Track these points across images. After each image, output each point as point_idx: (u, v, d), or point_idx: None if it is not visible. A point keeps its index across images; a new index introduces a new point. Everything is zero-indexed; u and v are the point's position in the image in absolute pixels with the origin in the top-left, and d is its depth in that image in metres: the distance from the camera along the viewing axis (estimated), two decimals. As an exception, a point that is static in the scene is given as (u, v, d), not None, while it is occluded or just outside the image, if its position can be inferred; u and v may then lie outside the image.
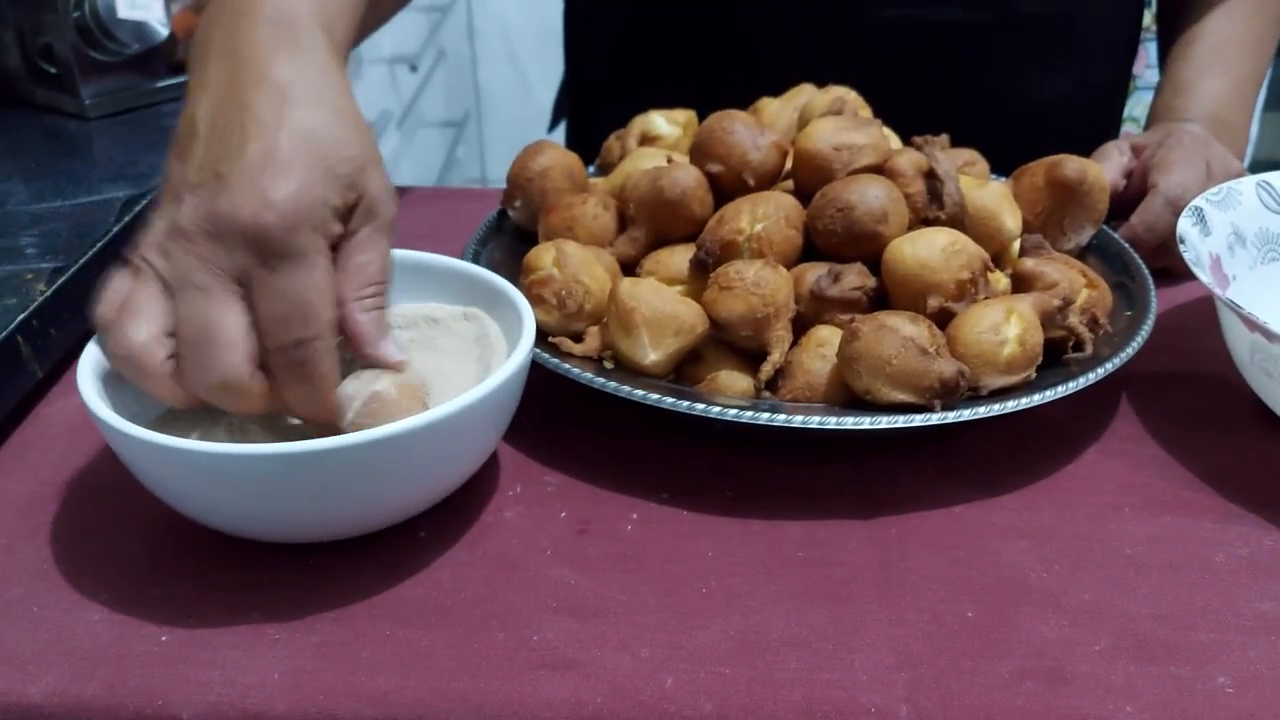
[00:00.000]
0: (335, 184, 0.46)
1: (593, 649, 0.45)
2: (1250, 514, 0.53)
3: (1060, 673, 0.44)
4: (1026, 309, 0.54)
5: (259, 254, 0.45)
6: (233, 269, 0.45)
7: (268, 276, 0.45)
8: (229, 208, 0.44)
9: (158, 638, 0.46)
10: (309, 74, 0.48)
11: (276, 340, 0.45)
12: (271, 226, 0.44)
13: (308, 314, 0.45)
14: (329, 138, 0.47)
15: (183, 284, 0.45)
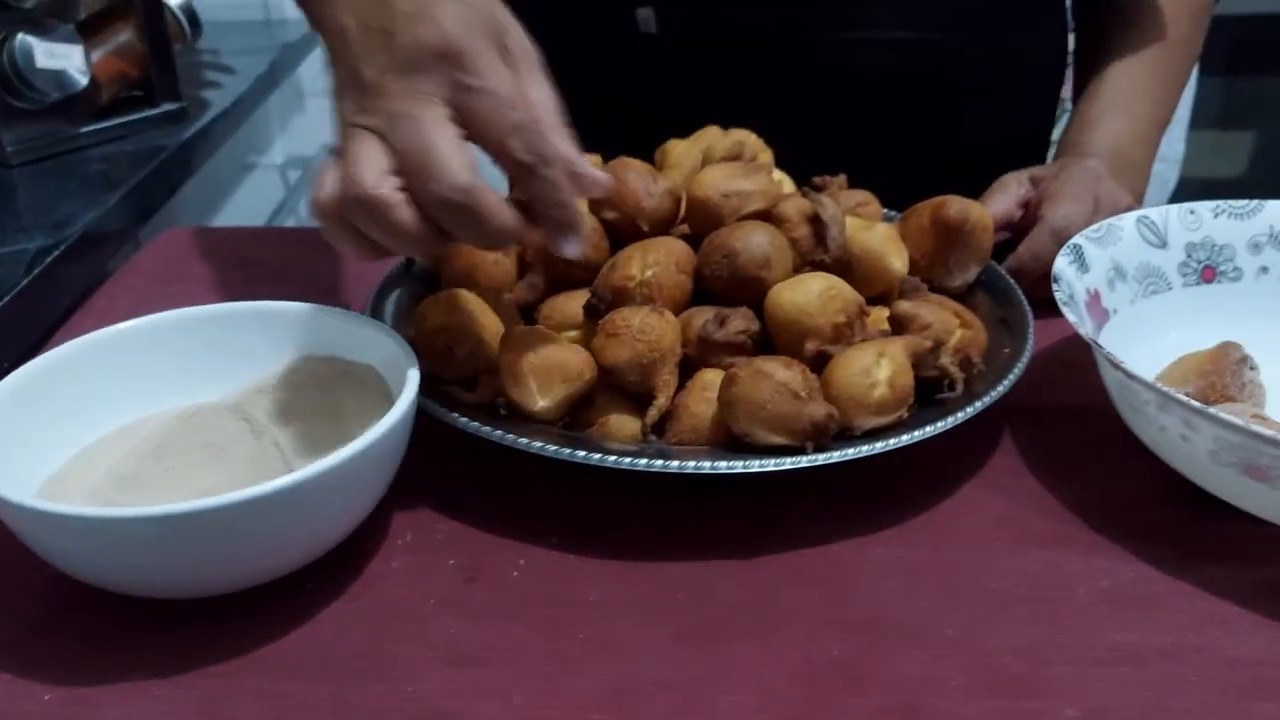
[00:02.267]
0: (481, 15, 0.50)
1: (467, 698, 0.46)
2: (1115, 546, 0.55)
3: (917, 710, 0.45)
4: (898, 351, 0.56)
5: (456, 65, 0.48)
6: (433, 90, 0.49)
7: (469, 80, 0.48)
8: (409, 41, 0.48)
9: (41, 696, 0.47)
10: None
11: (499, 131, 0.49)
12: (455, 38, 0.48)
13: (516, 100, 0.49)
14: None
15: (391, 122, 0.48)
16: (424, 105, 0.48)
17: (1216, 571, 0.53)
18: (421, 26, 0.48)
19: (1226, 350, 0.61)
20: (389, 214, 0.49)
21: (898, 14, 0.83)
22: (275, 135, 1.62)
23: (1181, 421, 0.53)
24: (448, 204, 0.48)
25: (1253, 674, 0.47)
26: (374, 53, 0.49)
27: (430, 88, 0.49)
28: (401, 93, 0.48)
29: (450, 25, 0.48)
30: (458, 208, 0.48)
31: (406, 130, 0.48)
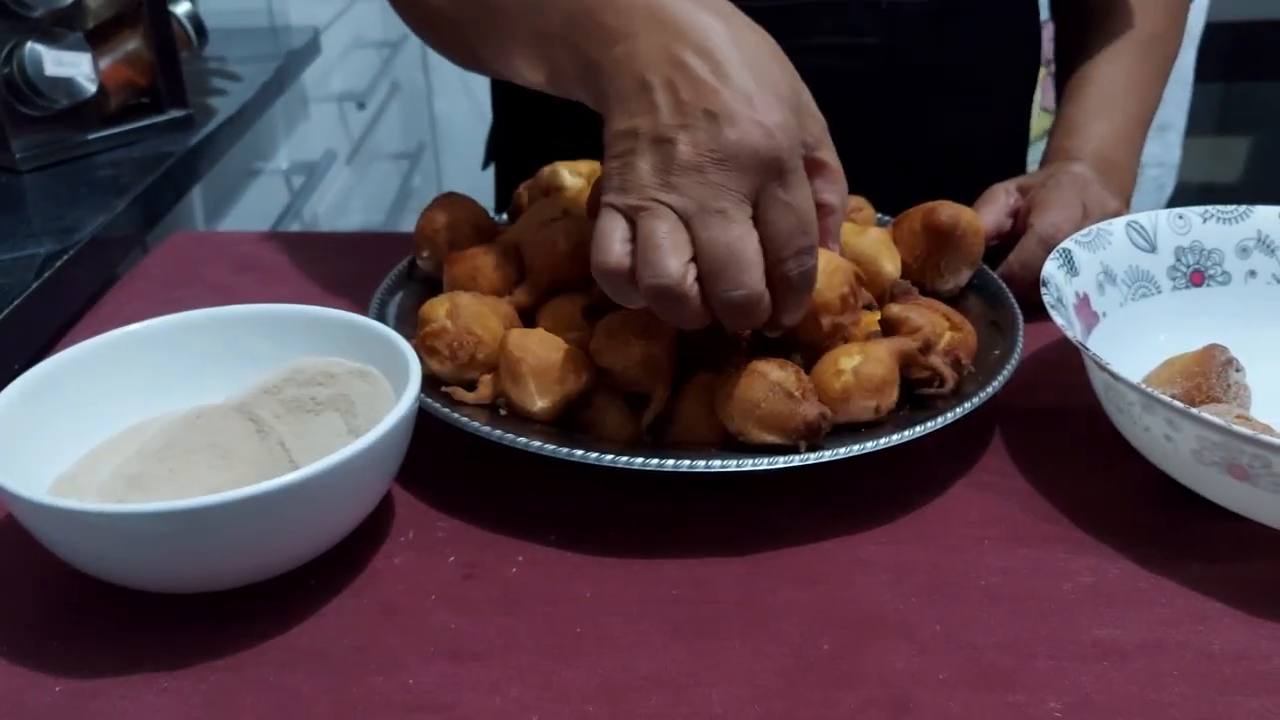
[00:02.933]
0: (796, 111, 0.53)
1: (465, 691, 0.47)
2: (1101, 544, 0.56)
3: (904, 702, 0.47)
4: (878, 349, 0.57)
5: (772, 175, 0.51)
6: (747, 191, 0.51)
7: (781, 194, 0.51)
8: (738, 138, 0.50)
9: (51, 688, 0.48)
10: (735, 21, 0.54)
11: (788, 251, 0.52)
12: (781, 148, 0.51)
13: (809, 223, 0.52)
14: (777, 70, 0.53)
15: (702, 210, 0.50)
16: (739, 207, 0.51)
17: (1200, 568, 0.54)
18: (752, 128, 0.50)
19: (1212, 352, 0.62)
20: (683, 307, 0.51)
21: (869, 21, 0.84)
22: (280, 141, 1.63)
23: (1165, 422, 0.54)
24: (735, 306, 0.51)
25: (1233, 668, 0.48)
26: (696, 131, 0.50)
27: (747, 189, 0.51)
28: (720, 186, 0.50)
29: (779, 135, 0.50)
30: (743, 311, 0.52)
31: (718, 227, 0.50)
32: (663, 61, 0.52)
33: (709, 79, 0.51)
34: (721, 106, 0.50)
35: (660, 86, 0.52)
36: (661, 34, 0.52)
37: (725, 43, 0.52)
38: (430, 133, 2.57)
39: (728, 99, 0.50)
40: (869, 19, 0.84)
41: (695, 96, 0.51)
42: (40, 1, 0.93)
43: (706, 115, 0.50)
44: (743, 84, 0.51)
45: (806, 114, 0.54)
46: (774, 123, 0.51)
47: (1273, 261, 0.72)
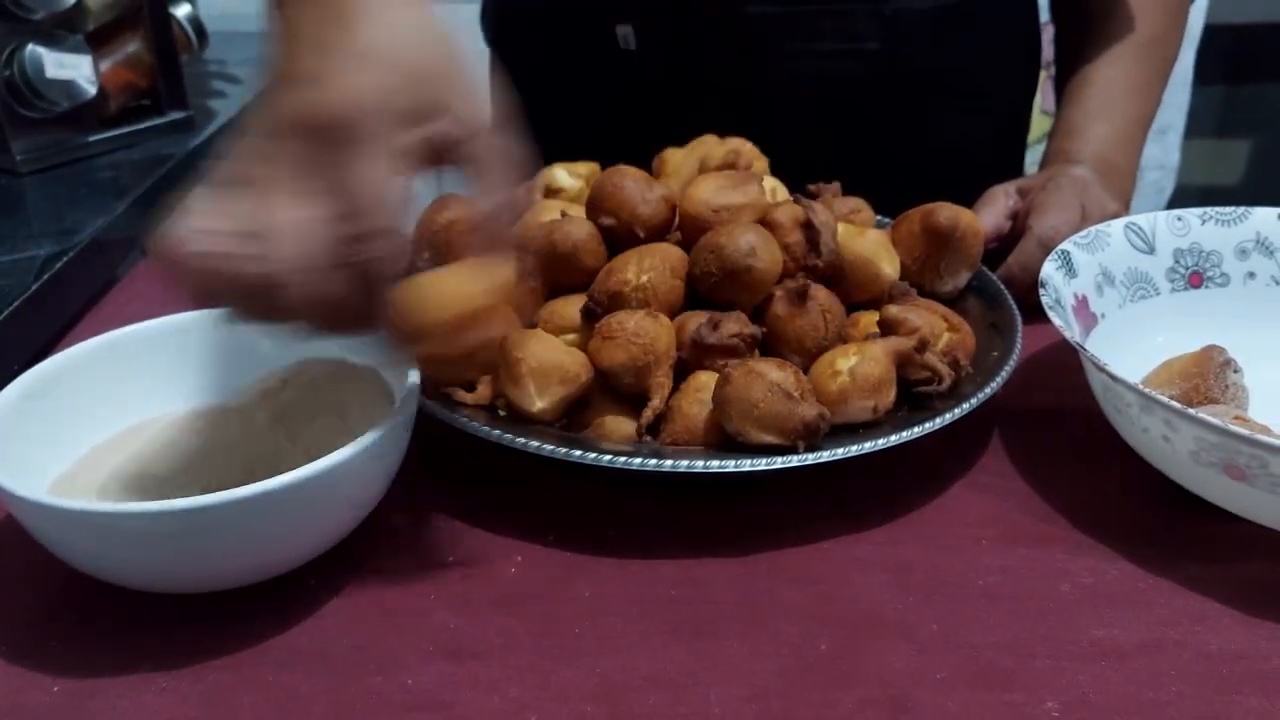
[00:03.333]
0: (408, 87, 0.48)
1: (464, 690, 0.48)
2: (1100, 545, 0.56)
3: (902, 702, 0.47)
4: (875, 349, 0.58)
5: (334, 146, 0.46)
6: (310, 163, 0.46)
7: (338, 167, 0.46)
8: (303, 104, 0.46)
9: (50, 688, 0.48)
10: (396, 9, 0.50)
11: (347, 230, 0.46)
12: (345, 118, 0.46)
13: (375, 205, 0.46)
14: (409, 45, 0.49)
15: (263, 181, 0.47)
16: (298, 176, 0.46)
17: (1197, 569, 0.54)
18: (319, 95, 0.46)
19: (1211, 354, 0.62)
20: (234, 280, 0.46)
21: (871, 26, 0.84)
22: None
23: (1163, 422, 0.54)
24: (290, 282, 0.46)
25: (1231, 668, 0.48)
26: (280, 97, 0.47)
27: (307, 160, 0.46)
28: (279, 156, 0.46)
29: (352, 99, 0.46)
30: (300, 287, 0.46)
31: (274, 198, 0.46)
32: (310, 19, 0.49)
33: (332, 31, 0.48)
34: (310, 69, 0.47)
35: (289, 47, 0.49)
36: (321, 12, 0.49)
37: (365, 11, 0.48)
38: (430, 136, 2.56)
39: (324, 63, 0.47)
40: (871, 24, 0.84)
41: (296, 59, 0.48)
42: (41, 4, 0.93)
43: (289, 80, 0.47)
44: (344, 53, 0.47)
45: (449, 92, 0.49)
46: (350, 85, 0.46)
47: (1271, 263, 0.72)
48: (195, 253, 0.46)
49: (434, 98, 0.49)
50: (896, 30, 0.85)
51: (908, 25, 0.85)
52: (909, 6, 0.84)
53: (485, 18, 1.07)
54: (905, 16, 0.84)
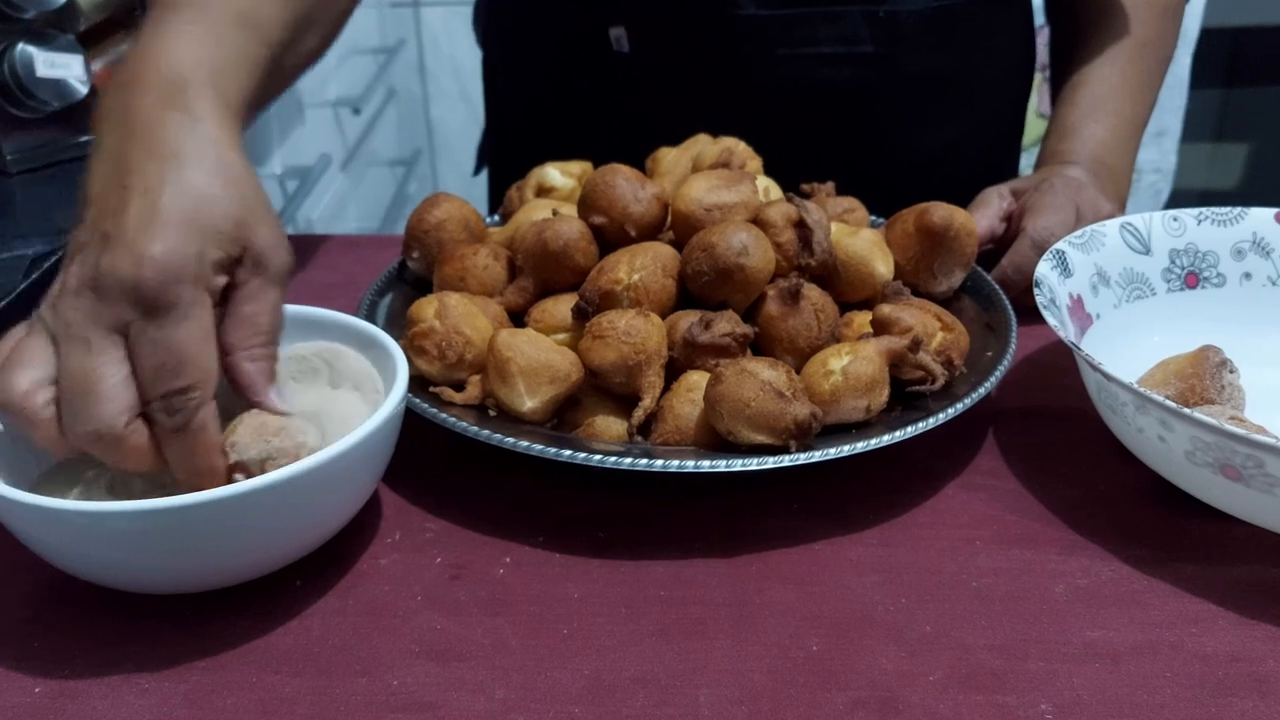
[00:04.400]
0: (215, 238, 0.48)
1: (450, 692, 0.47)
2: (1093, 545, 0.55)
3: (892, 703, 0.46)
4: (867, 348, 0.57)
5: (137, 307, 0.47)
6: (113, 322, 0.47)
7: (145, 328, 0.47)
8: (109, 264, 0.47)
9: (31, 689, 0.47)
10: (195, 135, 0.50)
11: (153, 391, 0.47)
12: (147, 281, 0.46)
13: (181, 365, 0.47)
14: (211, 196, 0.49)
15: (66, 336, 0.47)
16: (105, 337, 0.47)
17: (1192, 570, 0.53)
18: (124, 255, 0.46)
19: (1206, 354, 0.62)
20: (31, 431, 0.48)
21: (867, 30, 0.84)
22: (274, 146, 1.63)
23: (1158, 422, 0.54)
24: (88, 439, 0.47)
25: (1226, 670, 0.48)
26: (88, 252, 0.48)
27: (110, 319, 0.47)
28: (86, 310, 0.47)
29: (155, 260, 0.46)
30: (96, 443, 0.47)
31: (73, 353, 0.47)
32: (111, 150, 0.50)
33: (122, 194, 0.48)
34: (113, 228, 0.47)
35: (95, 184, 0.50)
36: (126, 136, 0.50)
37: (167, 155, 0.49)
38: (426, 139, 2.56)
39: (123, 222, 0.47)
40: (865, 27, 0.84)
41: (103, 210, 0.48)
42: (32, 3, 0.92)
43: (102, 237, 0.47)
44: (146, 207, 0.47)
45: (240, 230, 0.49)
46: (154, 251, 0.46)
47: (1267, 264, 0.72)
48: (26, 410, 0.47)
49: (236, 244, 0.49)
50: (890, 33, 0.84)
51: (902, 28, 0.84)
52: (903, 9, 0.84)
53: (478, 20, 1.07)
54: (899, 19, 0.84)
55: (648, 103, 0.89)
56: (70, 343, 0.47)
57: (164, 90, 0.51)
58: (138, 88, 0.52)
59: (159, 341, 0.47)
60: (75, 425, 0.47)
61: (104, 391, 0.47)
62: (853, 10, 0.83)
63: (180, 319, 0.47)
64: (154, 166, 0.49)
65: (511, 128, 1.03)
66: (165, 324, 0.47)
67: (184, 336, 0.47)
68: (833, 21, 0.84)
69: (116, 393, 0.47)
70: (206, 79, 0.53)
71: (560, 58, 0.93)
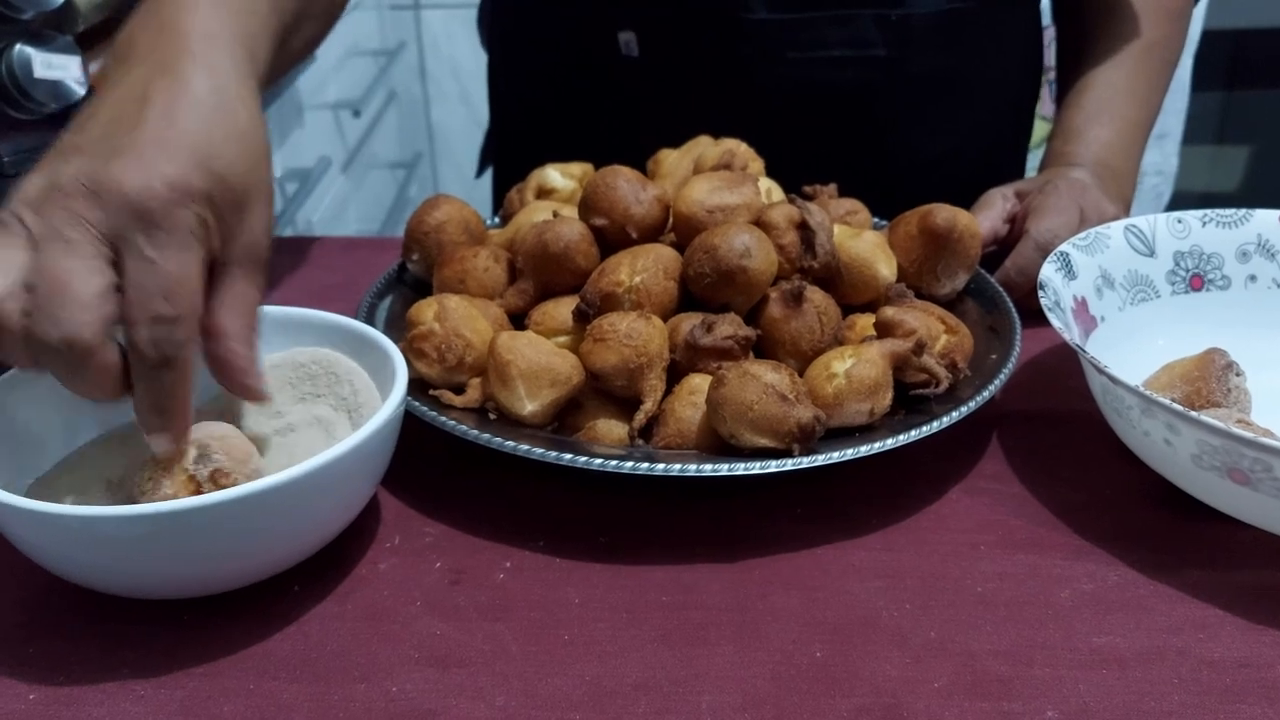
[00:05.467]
0: (221, 187, 0.47)
1: (449, 698, 0.46)
2: (1099, 549, 0.55)
3: (897, 710, 0.46)
4: (870, 350, 0.57)
5: (140, 222, 0.44)
6: (108, 230, 0.44)
7: (144, 246, 0.44)
8: (118, 171, 0.45)
9: (26, 696, 0.47)
10: (225, 88, 0.49)
11: (141, 312, 0.45)
12: (158, 194, 0.45)
13: (175, 291, 0.45)
14: (227, 148, 0.48)
15: (49, 236, 0.44)
16: (91, 242, 0.44)
17: (1199, 575, 0.53)
18: (135, 168, 0.45)
19: (1212, 356, 0.61)
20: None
21: (877, 33, 0.83)
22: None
23: (1165, 425, 0.53)
24: (55, 349, 0.44)
25: (1234, 676, 0.47)
26: (88, 157, 0.45)
27: (105, 226, 0.44)
28: (78, 211, 0.44)
29: (159, 185, 0.45)
30: (57, 355, 0.44)
31: (55, 254, 0.44)
32: (134, 80, 0.48)
33: (140, 112, 0.46)
34: (126, 141, 0.45)
35: (106, 104, 0.48)
36: (150, 70, 0.48)
37: (194, 86, 0.48)
38: (427, 142, 2.56)
39: (138, 136, 0.45)
40: (876, 30, 0.84)
41: (115, 124, 0.46)
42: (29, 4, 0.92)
43: (110, 147, 0.45)
44: (163, 128, 0.46)
45: (244, 196, 0.48)
46: (162, 172, 0.45)
47: (1273, 266, 0.71)
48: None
49: (236, 212, 0.48)
50: (901, 36, 0.84)
51: (913, 31, 0.84)
52: (915, 11, 0.83)
53: (482, 22, 1.06)
54: (911, 22, 0.84)
55: (654, 106, 0.89)
56: (52, 242, 0.44)
57: (197, 36, 0.50)
58: (169, 31, 0.50)
59: (156, 262, 0.44)
60: (44, 329, 0.44)
61: (82, 295, 0.44)
62: (864, 13, 0.83)
63: (181, 246, 0.45)
64: (179, 102, 0.47)
65: (516, 129, 1.03)
66: (166, 246, 0.45)
67: (179, 264, 0.45)
68: (843, 25, 0.83)
69: (95, 300, 0.44)
70: (238, 39, 0.52)
71: (567, 61, 0.92)
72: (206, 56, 0.50)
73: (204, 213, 0.46)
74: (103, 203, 0.45)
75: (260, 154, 0.50)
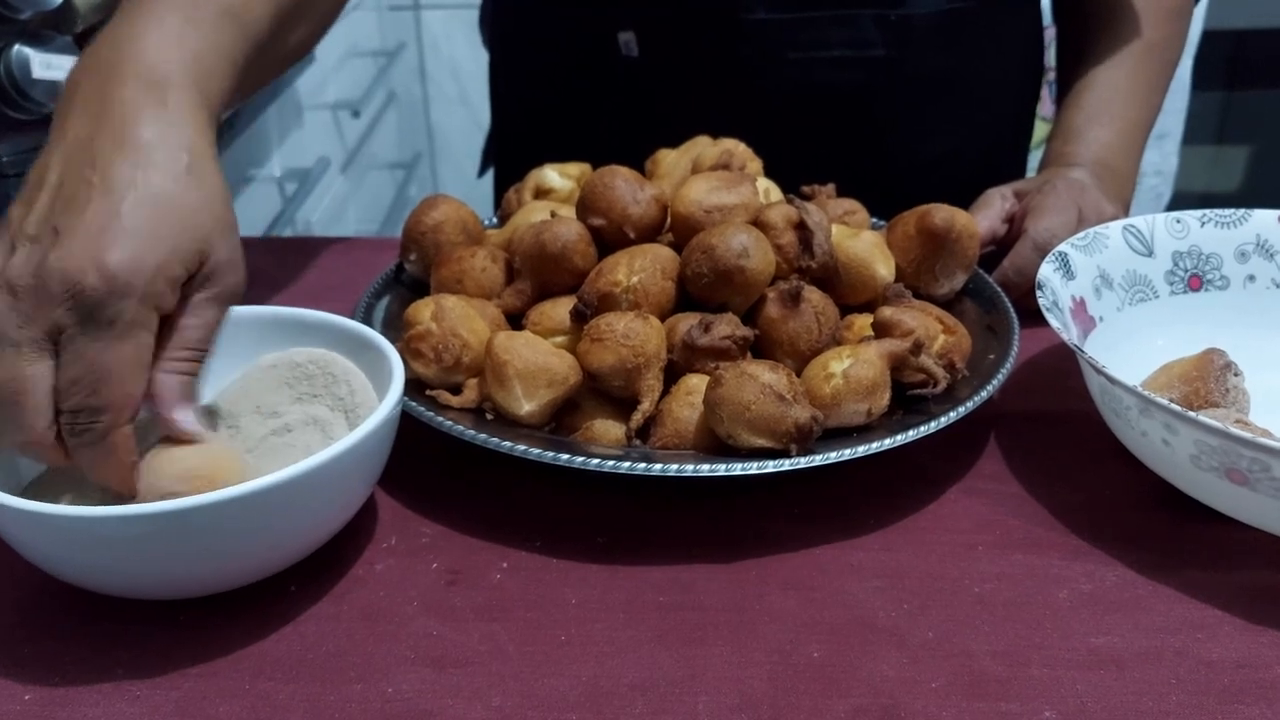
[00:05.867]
0: (176, 254, 0.47)
1: (446, 699, 0.46)
2: (1097, 549, 0.55)
3: (895, 711, 0.45)
4: (868, 351, 0.57)
5: (76, 314, 0.45)
6: (48, 327, 0.45)
7: (77, 338, 0.45)
8: (58, 263, 0.44)
9: (21, 696, 0.47)
10: (171, 137, 0.48)
11: (65, 402, 0.46)
12: (93, 289, 0.44)
13: (100, 384, 0.45)
14: (179, 206, 0.47)
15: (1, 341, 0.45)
16: (31, 338, 0.45)
17: (1198, 575, 0.53)
18: (75, 256, 0.44)
19: (1211, 357, 0.61)
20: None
21: (878, 33, 0.83)
22: (273, 148, 1.62)
23: (1163, 426, 0.53)
24: (16, 446, 0.46)
25: (1232, 677, 0.47)
26: (37, 243, 0.45)
27: (46, 324, 0.45)
28: (23, 311, 0.45)
29: (107, 268, 0.44)
30: (25, 450, 0.47)
31: (5, 361, 0.45)
32: (82, 139, 0.47)
33: (86, 192, 0.46)
34: (68, 225, 0.45)
35: (53, 167, 0.47)
36: (97, 125, 0.48)
37: (138, 154, 0.47)
38: (427, 142, 2.56)
39: (81, 221, 0.45)
40: (876, 31, 0.83)
41: (63, 202, 0.46)
42: (28, 4, 0.92)
43: (53, 232, 0.45)
44: (108, 208, 0.45)
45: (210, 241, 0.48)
46: (110, 259, 0.44)
47: (1272, 266, 0.71)
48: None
49: (196, 259, 0.48)
50: (902, 36, 0.84)
51: (913, 31, 0.84)
52: (915, 12, 0.83)
53: (484, 22, 1.06)
54: (911, 22, 0.83)
55: (654, 106, 0.89)
56: (2, 346, 0.45)
57: (143, 83, 0.49)
58: (115, 76, 0.49)
59: (85, 356, 0.45)
60: (5, 432, 0.46)
61: (32, 403, 0.45)
62: (864, 13, 0.83)
63: (116, 337, 0.45)
64: (123, 164, 0.47)
65: (517, 130, 1.02)
66: (98, 338, 0.45)
67: (113, 357, 0.45)
68: (843, 25, 0.83)
69: (45, 404, 0.45)
70: (189, 78, 0.51)
71: (567, 61, 0.92)
72: (155, 104, 0.49)
73: (156, 287, 0.46)
74: (44, 296, 0.45)
75: (214, 194, 0.49)
